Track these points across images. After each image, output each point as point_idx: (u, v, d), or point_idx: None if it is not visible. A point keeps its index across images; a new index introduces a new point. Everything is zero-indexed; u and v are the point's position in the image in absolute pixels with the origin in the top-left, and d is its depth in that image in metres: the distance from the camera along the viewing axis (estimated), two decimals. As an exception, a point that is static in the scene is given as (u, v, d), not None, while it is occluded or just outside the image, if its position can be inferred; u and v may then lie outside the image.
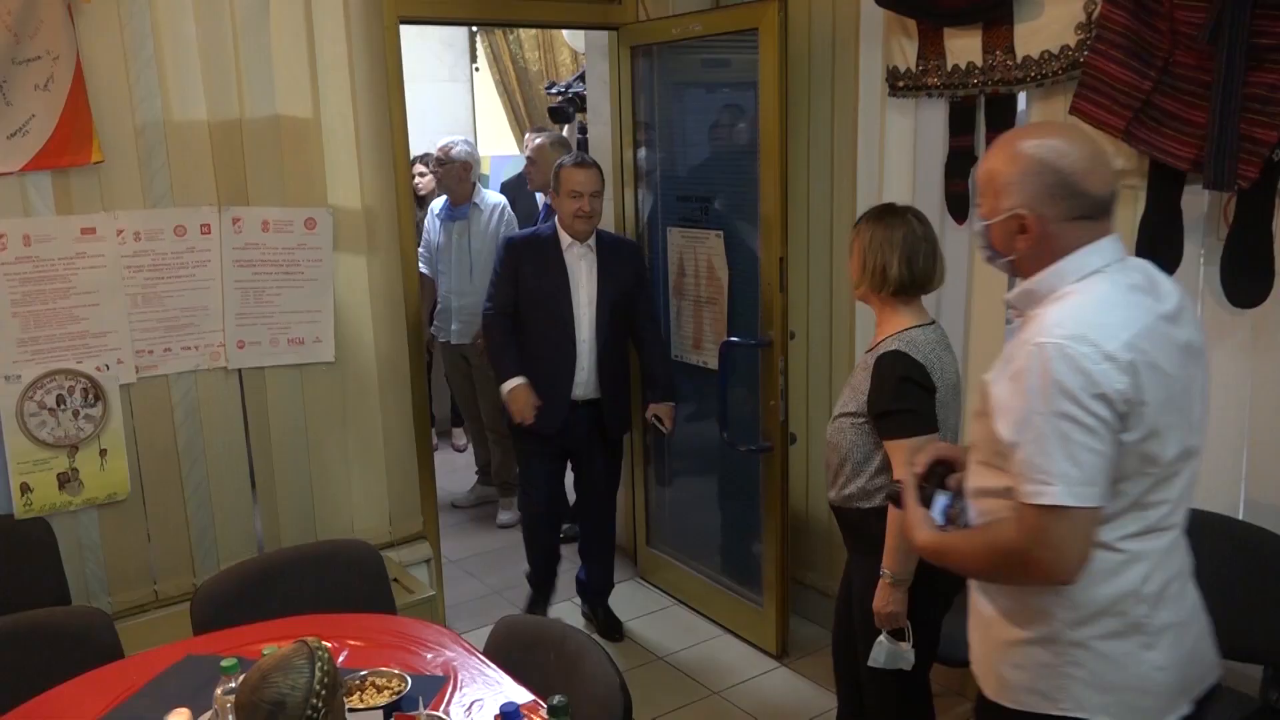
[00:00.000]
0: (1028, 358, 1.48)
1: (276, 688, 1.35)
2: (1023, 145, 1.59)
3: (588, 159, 3.44)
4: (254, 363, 3.15)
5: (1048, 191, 1.55)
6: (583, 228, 3.37)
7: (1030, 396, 1.46)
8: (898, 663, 2.30)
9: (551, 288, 3.38)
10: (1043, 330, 1.48)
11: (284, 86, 3.06)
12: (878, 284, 2.31)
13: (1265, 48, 2.19)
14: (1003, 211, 1.60)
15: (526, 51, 6.68)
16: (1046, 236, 1.57)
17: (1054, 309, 1.52)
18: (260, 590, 2.44)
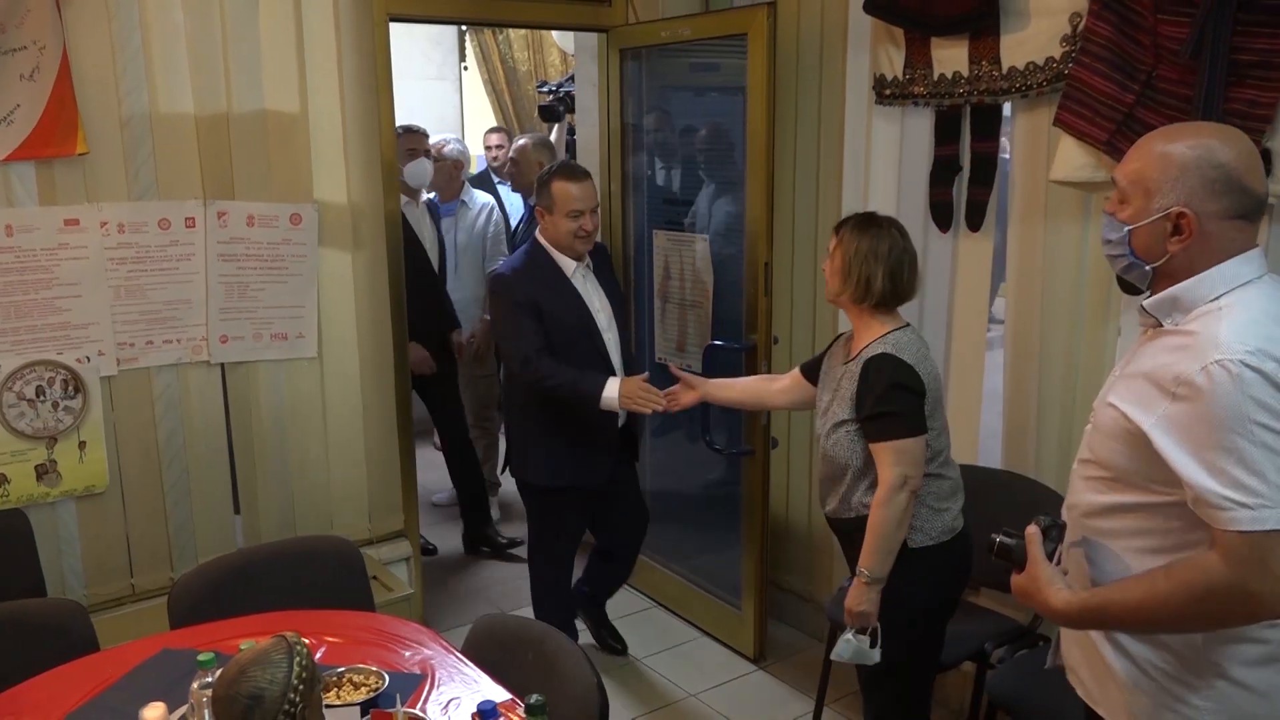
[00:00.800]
0: (1208, 376, 1.39)
1: (254, 682, 1.35)
2: (1177, 142, 1.51)
3: (580, 168, 3.07)
4: (236, 357, 3.14)
5: (1209, 187, 1.47)
6: (584, 248, 3.05)
7: (1222, 416, 1.38)
8: (861, 660, 2.32)
9: (575, 322, 3.03)
10: (1218, 347, 1.41)
11: (272, 81, 3.05)
12: (860, 295, 2.33)
13: (1245, 64, 2.22)
14: (1155, 211, 1.51)
15: (516, 52, 6.68)
16: (1204, 236, 1.49)
17: (1221, 323, 1.44)
18: (238, 585, 2.43)
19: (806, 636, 3.65)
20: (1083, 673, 1.71)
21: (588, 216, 2.99)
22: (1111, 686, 1.63)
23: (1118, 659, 1.61)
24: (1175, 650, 1.54)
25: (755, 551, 3.46)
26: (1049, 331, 2.78)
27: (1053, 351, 2.78)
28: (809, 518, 3.59)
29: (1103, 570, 1.61)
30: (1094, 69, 2.47)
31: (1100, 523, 1.61)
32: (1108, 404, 1.57)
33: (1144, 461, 1.50)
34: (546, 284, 3.00)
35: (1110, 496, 1.58)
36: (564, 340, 2.98)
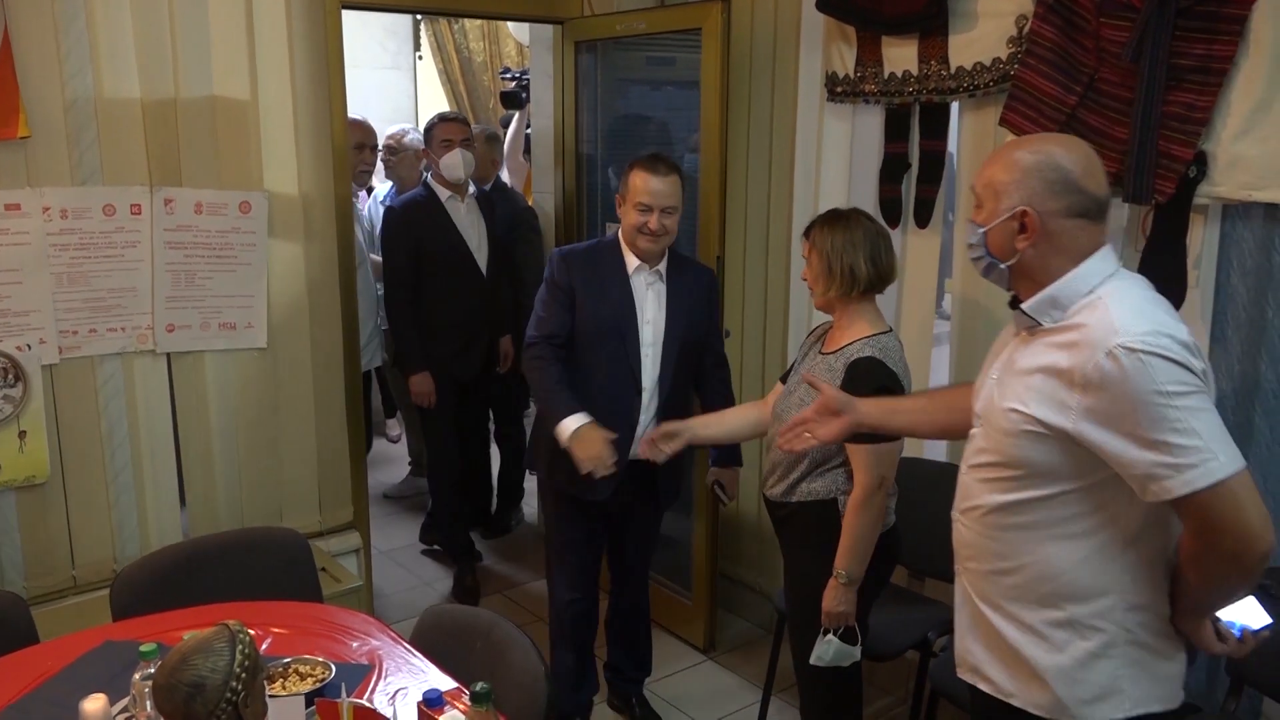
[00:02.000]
0: (1115, 360, 1.48)
1: (196, 670, 1.34)
2: (1021, 150, 1.65)
3: (664, 162, 2.71)
4: (183, 347, 3.10)
5: (1048, 188, 1.60)
6: (648, 247, 2.73)
7: (1141, 394, 1.47)
8: (844, 659, 2.33)
9: (613, 318, 2.74)
10: (1116, 332, 1.50)
11: (221, 67, 3.01)
12: (848, 286, 2.31)
13: (1184, 68, 2.28)
14: (1003, 212, 1.63)
15: (471, 42, 6.64)
16: (1049, 235, 1.60)
17: (1109, 311, 1.54)
18: (183, 577, 2.40)
19: (755, 627, 3.68)
20: (990, 670, 1.75)
21: (655, 215, 2.67)
22: (1031, 679, 1.68)
23: (1047, 657, 1.66)
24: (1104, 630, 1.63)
25: (706, 543, 3.49)
26: (993, 326, 2.83)
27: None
28: (758, 510, 3.62)
29: (1020, 562, 1.67)
30: (1039, 70, 2.52)
31: (1011, 518, 1.67)
32: (1006, 409, 1.63)
33: (1065, 455, 1.58)
34: (597, 273, 2.76)
35: (1022, 493, 1.64)
36: (593, 332, 2.73)
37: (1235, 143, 2.24)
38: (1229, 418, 2.33)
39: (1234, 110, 2.24)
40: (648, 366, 2.77)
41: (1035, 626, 1.67)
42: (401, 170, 4.46)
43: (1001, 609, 1.71)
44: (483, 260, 3.86)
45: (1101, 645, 1.63)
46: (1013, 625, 1.70)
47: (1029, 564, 1.66)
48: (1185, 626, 1.65)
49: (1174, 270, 2.40)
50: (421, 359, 3.80)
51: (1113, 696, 1.64)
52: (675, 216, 2.71)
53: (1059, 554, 1.63)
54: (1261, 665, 2.27)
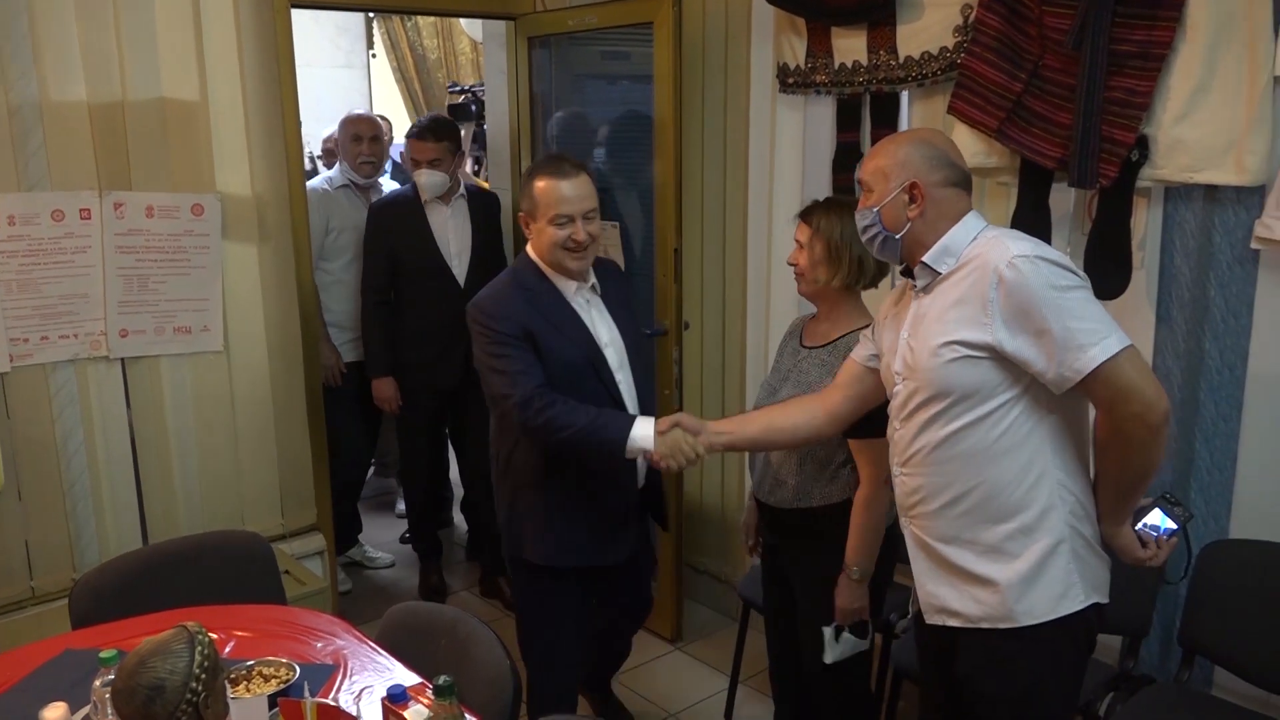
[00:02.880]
0: (1014, 268, 1.71)
1: (154, 672, 1.34)
2: (897, 142, 1.96)
3: (569, 162, 2.40)
4: (137, 352, 3.06)
5: (929, 163, 1.87)
6: (578, 265, 2.39)
7: (1039, 293, 1.69)
8: (854, 651, 2.35)
9: (581, 356, 2.39)
10: (1007, 250, 1.74)
11: (169, 68, 2.98)
12: (854, 276, 2.27)
13: (1124, 54, 2.32)
14: (893, 189, 1.88)
15: (425, 39, 6.61)
16: (934, 201, 1.86)
17: (995, 243, 1.79)
18: (144, 583, 2.38)
19: (721, 616, 3.71)
20: (957, 603, 1.89)
21: (579, 224, 2.34)
22: (987, 592, 1.84)
23: (1003, 570, 1.82)
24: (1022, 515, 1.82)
25: (671, 534, 3.51)
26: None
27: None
28: (722, 500, 3.66)
29: (968, 487, 1.84)
30: (984, 59, 2.56)
31: (953, 449, 1.84)
32: (935, 346, 1.82)
33: (991, 370, 1.78)
34: (540, 310, 2.37)
35: (959, 421, 1.82)
36: (566, 381, 2.35)
37: (1175, 126, 2.30)
38: (1176, 394, 2.40)
39: (1173, 95, 2.29)
40: (626, 393, 2.47)
41: (991, 544, 1.83)
42: None
43: (957, 539, 1.87)
44: (461, 268, 3.65)
45: (1052, 544, 1.81)
46: (970, 551, 1.86)
47: (976, 486, 1.83)
48: (1110, 533, 1.86)
49: (1120, 252, 2.45)
50: (385, 363, 3.72)
51: (1069, 591, 1.82)
52: (596, 221, 2.39)
53: (1001, 470, 1.81)
54: (1213, 635, 2.33)
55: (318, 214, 3.67)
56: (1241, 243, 2.28)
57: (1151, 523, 1.87)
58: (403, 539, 4.46)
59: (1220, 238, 2.32)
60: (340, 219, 3.82)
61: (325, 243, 3.78)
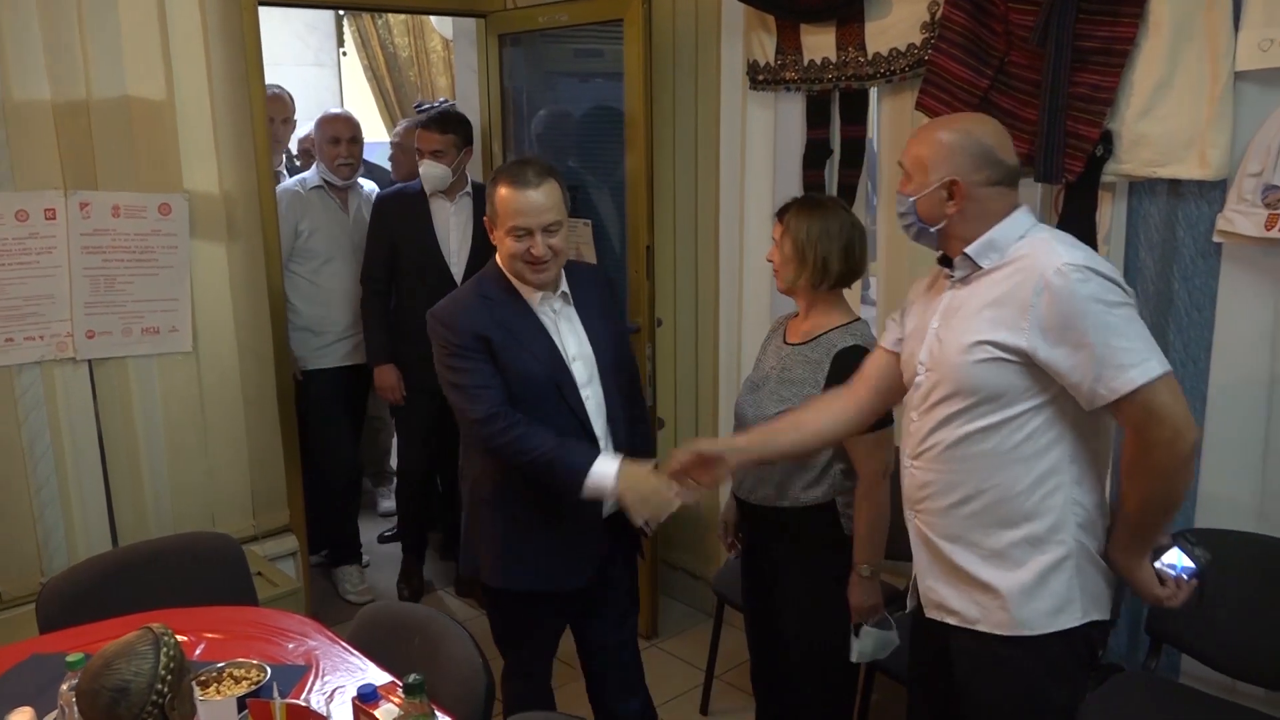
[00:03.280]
0: (1063, 275, 1.66)
1: (119, 674, 1.33)
2: (944, 129, 1.85)
3: (534, 167, 2.22)
4: (105, 353, 3.03)
5: (972, 161, 1.79)
6: (536, 279, 2.24)
7: (1085, 305, 1.64)
8: (885, 649, 2.32)
9: (543, 371, 2.24)
10: (1059, 255, 1.69)
11: (134, 67, 2.95)
12: (817, 278, 2.26)
13: (1088, 50, 2.35)
14: (933, 183, 1.81)
15: (396, 37, 6.56)
16: (973, 199, 1.79)
17: (1046, 245, 1.73)
18: (112, 587, 2.36)
19: (696, 612, 3.72)
20: (956, 603, 1.87)
21: (537, 238, 2.17)
22: (987, 597, 1.82)
23: (1005, 577, 1.80)
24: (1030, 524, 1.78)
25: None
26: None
27: (921, 327, 2.90)
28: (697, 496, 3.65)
29: (979, 488, 1.80)
30: (951, 55, 2.58)
31: (970, 449, 1.80)
32: (965, 344, 1.76)
33: (1019, 375, 1.73)
34: (499, 319, 2.24)
35: (980, 421, 1.77)
36: (525, 397, 2.22)
37: (1138, 122, 2.32)
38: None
39: (1136, 90, 2.32)
40: (594, 412, 2.30)
41: (997, 550, 1.80)
42: None
43: (962, 539, 1.84)
44: (459, 264, 3.59)
45: (1057, 559, 1.77)
46: (973, 553, 1.83)
47: (988, 489, 1.79)
48: (1127, 566, 1.79)
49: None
50: (386, 351, 3.66)
51: (1068, 606, 1.78)
52: (561, 232, 2.21)
53: (1016, 476, 1.77)
54: (1180, 623, 2.36)
55: (287, 216, 3.62)
56: (1204, 236, 2.30)
57: (1170, 561, 1.80)
58: (381, 538, 4.42)
59: (1184, 231, 2.34)
60: (312, 221, 3.75)
61: (295, 245, 3.71)
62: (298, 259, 3.74)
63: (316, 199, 3.79)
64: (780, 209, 2.37)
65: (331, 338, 3.80)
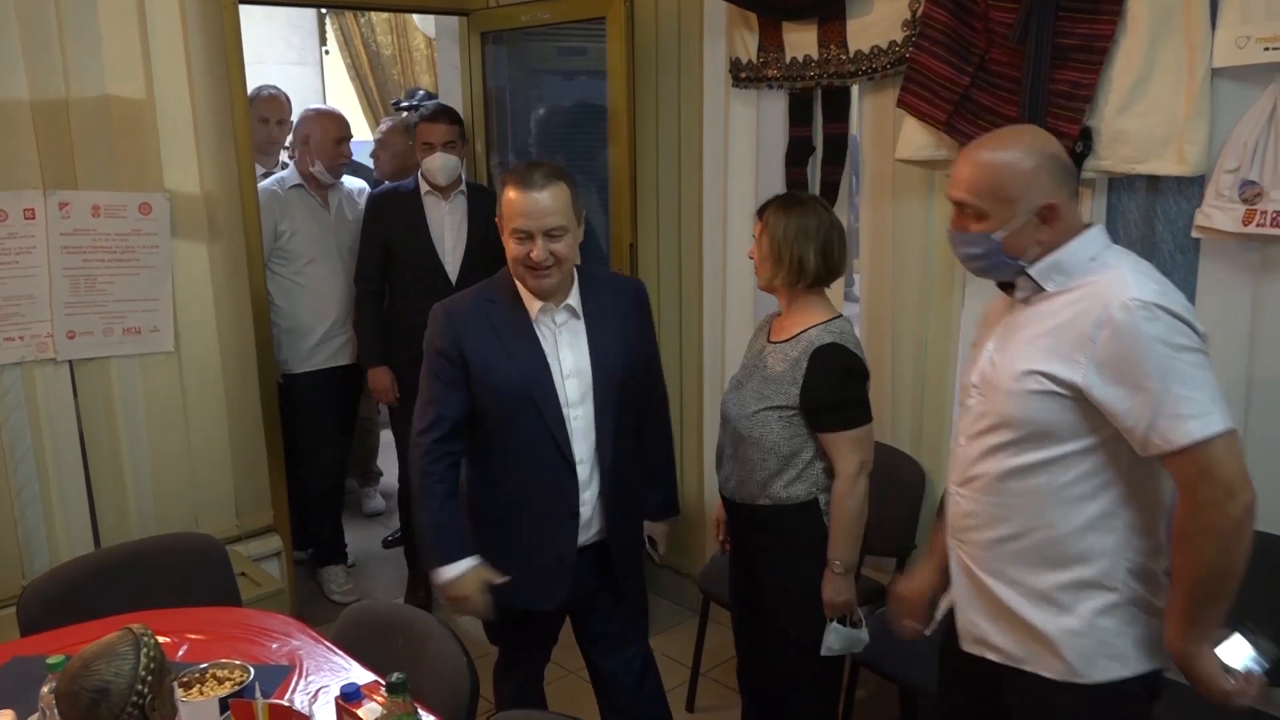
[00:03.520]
0: (1128, 311, 1.54)
1: (99, 675, 1.32)
2: (1012, 148, 1.68)
3: (541, 169, 2.13)
4: (86, 354, 3.01)
5: (1057, 177, 1.67)
6: (539, 285, 2.16)
7: (1150, 346, 1.52)
8: (855, 646, 2.33)
9: (521, 383, 2.17)
10: (1128, 287, 1.57)
11: (114, 65, 2.93)
12: (794, 278, 2.26)
13: (1068, 47, 2.36)
14: (1021, 214, 1.65)
15: (379, 35, 6.56)
16: (1063, 217, 1.67)
17: (1119, 271, 1.61)
18: (94, 588, 2.35)
19: (682, 609, 3.73)
20: (998, 639, 1.76)
21: (537, 242, 2.09)
22: (1042, 645, 1.70)
23: (1055, 621, 1.69)
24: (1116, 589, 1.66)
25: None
26: (900, 303, 2.91)
27: (905, 323, 2.91)
28: (682, 494, 3.66)
29: (1026, 527, 1.70)
30: (932, 52, 2.59)
31: (1017, 483, 1.69)
32: (1017, 372, 1.66)
33: (1072, 413, 1.62)
34: (495, 323, 2.20)
35: (1028, 457, 1.67)
36: (502, 410, 2.19)
37: (1117, 118, 2.34)
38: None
39: (1115, 87, 2.33)
40: (579, 433, 2.21)
41: (1042, 591, 1.69)
42: None
43: (1004, 576, 1.73)
44: (454, 264, 3.53)
45: (1108, 605, 1.66)
46: (1018, 592, 1.72)
47: (1035, 529, 1.68)
48: (1188, 654, 1.61)
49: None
50: (379, 353, 3.58)
51: (1119, 655, 1.67)
52: (566, 238, 2.12)
53: (1064, 517, 1.66)
54: None
55: (266, 216, 3.55)
56: (1183, 232, 2.32)
57: (1232, 652, 1.61)
58: (385, 543, 4.36)
59: (1163, 227, 2.36)
60: (292, 220, 3.69)
61: (275, 246, 3.66)
62: (278, 259, 3.69)
63: (296, 198, 3.71)
64: (760, 206, 2.37)
65: (316, 339, 3.75)
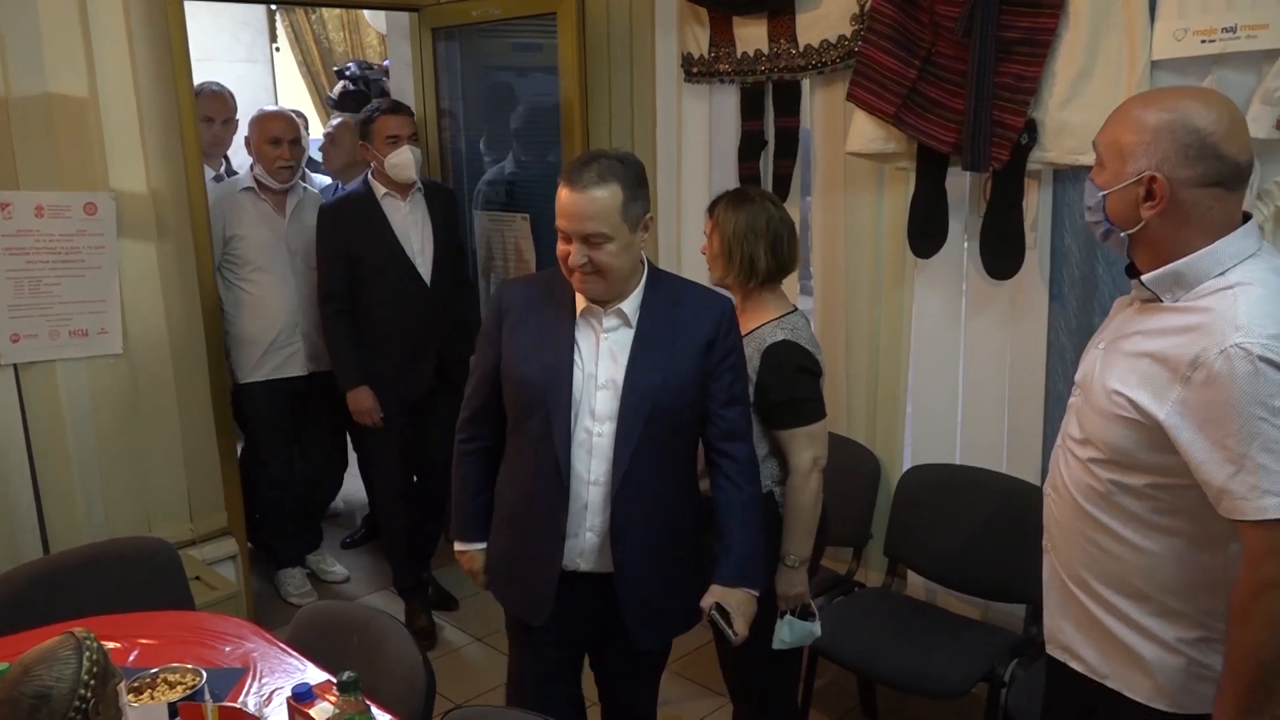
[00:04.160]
0: (1228, 360, 1.37)
1: (40, 680, 1.30)
2: (1152, 107, 1.48)
3: (594, 166, 1.91)
4: (31, 357, 2.96)
5: (1182, 152, 1.44)
6: (581, 289, 1.98)
7: (1243, 402, 1.36)
8: (806, 639, 2.31)
9: (535, 387, 1.98)
10: (1238, 329, 1.38)
11: (55, 62, 2.88)
12: (745, 275, 2.25)
13: (1012, 40, 2.40)
14: (1128, 176, 1.48)
15: (330, 32, 6.49)
16: (1178, 204, 1.46)
17: (1238, 302, 1.41)
18: (43, 595, 2.30)
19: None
20: (1084, 650, 1.68)
21: (576, 247, 1.91)
22: (1129, 663, 1.62)
23: (1144, 643, 1.59)
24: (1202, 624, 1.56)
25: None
26: (853, 294, 2.94)
27: (858, 313, 2.94)
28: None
29: (1105, 548, 1.61)
30: (880, 46, 2.62)
31: (1097, 502, 1.60)
32: (1109, 389, 1.54)
33: (1154, 448, 1.49)
34: (535, 315, 2.04)
35: (1108, 478, 1.56)
36: (518, 407, 2.04)
37: (1061, 110, 2.38)
38: (1068, 369, 2.48)
39: (1058, 79, 2.38)
40: (599, 452, 1.97)
41: (1128, 614, 1.60)
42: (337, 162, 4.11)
43: (1090, 590, 1.64)
44: (426, 265, 3.36)
45: (1198, 638, 1.55)
46: (1104, 610, 1.62)
47: (1114, 551, 1.59)
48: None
49: (1013, 233, 2.53)
50: (358, 373, 3.34)
51: (1207, 691, 1.54)
52: (609, 246, 1.89)
53: (1144, 545, 1.55)
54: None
55: (215, 219, 3.42)
56: (1126, 222, 2.36)
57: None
58: (344, 544, 4.29)
59: (1106, 217, 2.40)
60: (240, 225, 3.51)
61: (224, 251, 3.51)
62: (227, 265, 3.53)
63: (247, 202, 3.53)
64: (712, 203, 2.36)
65: (262, 349, 3.57)
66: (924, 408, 2.90)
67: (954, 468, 2.82)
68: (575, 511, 1.99)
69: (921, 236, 2.69)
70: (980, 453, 2.75)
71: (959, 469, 2.81)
